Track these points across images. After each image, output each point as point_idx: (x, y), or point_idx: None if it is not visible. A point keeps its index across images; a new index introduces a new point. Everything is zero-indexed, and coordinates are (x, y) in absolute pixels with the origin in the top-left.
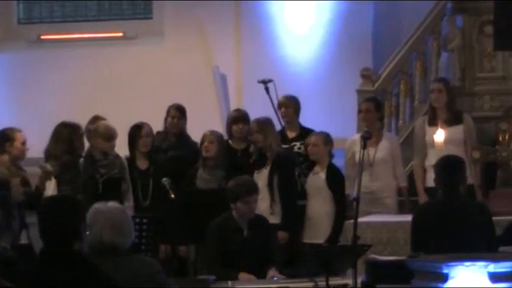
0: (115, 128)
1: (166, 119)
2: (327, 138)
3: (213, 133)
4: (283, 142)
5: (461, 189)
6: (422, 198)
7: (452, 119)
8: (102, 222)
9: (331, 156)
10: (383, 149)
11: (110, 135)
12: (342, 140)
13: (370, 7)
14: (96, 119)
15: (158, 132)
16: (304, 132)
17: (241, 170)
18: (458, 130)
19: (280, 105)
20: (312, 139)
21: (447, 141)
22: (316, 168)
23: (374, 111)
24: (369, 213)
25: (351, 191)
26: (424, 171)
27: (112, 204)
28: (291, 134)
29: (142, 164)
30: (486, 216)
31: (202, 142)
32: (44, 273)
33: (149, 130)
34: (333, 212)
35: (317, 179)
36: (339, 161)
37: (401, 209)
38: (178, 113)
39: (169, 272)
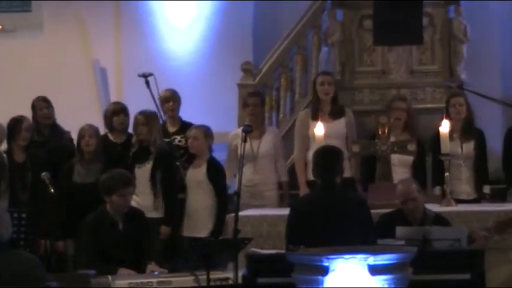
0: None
1: (35, 113)
2: (207, 132)
3: (91, 127)
4: (165, 136)
5: (338, 180)
6: (304, 191)
7: (336, 113)
8: None
9: (211, 149)
10: (267, 142)
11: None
12: (222, 134)
13: (251, 1)
14: None
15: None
16: (185, 126)
17: (121, 164)
18: (341, 124)
19: (167, 99)
20: (192, 132)
21: (330, 135)
22: (197, 162)
23: (260, 105)
24: (250, 206)
25: (232, 184)
26: (306, 164)
27: None
28: (172, 128)
29: (19, 157)
30: (364, 209)
31: (81, 136)
32: None
33: (29, 124)
34: (214, 206)
35: (198, 172)
36: (219, 155)
37: (281, 203)
38: (45, 103)
39: (49, 268)
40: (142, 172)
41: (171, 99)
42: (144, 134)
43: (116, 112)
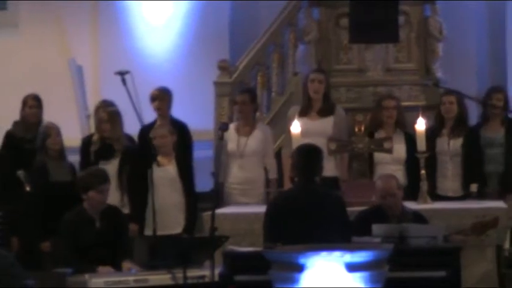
0: None
1: (23, 109)
2: (171, 129)
3: (55, 125)
4: None
5: (317, 178)
6: (288, 187)
7: (325, 111)
8: None
9: (183, 146)
10: (254, 140)
11: None
12: (199, 132)
13: (228, 0)
14: None
15: (16, 122)
16: (173, 125)
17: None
18: (328, 122)
19: (153, 98)
20: (158, 131)
21: (315, 133)
22: (163, 160)
23: (249, 103)
24: (239, 204)
25: (221, 180)
26: None
27: None
28: None
29: None
30: (340, 207)
31: (48, 135)
32: None
33: None
34: (183, 203)
35: (167, 170)
36: (199, 153)
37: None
38: (35, 102)
39: (25, 266)
40: (108, 169)
41: (157, 98)
42: (107, 131)
43: None
